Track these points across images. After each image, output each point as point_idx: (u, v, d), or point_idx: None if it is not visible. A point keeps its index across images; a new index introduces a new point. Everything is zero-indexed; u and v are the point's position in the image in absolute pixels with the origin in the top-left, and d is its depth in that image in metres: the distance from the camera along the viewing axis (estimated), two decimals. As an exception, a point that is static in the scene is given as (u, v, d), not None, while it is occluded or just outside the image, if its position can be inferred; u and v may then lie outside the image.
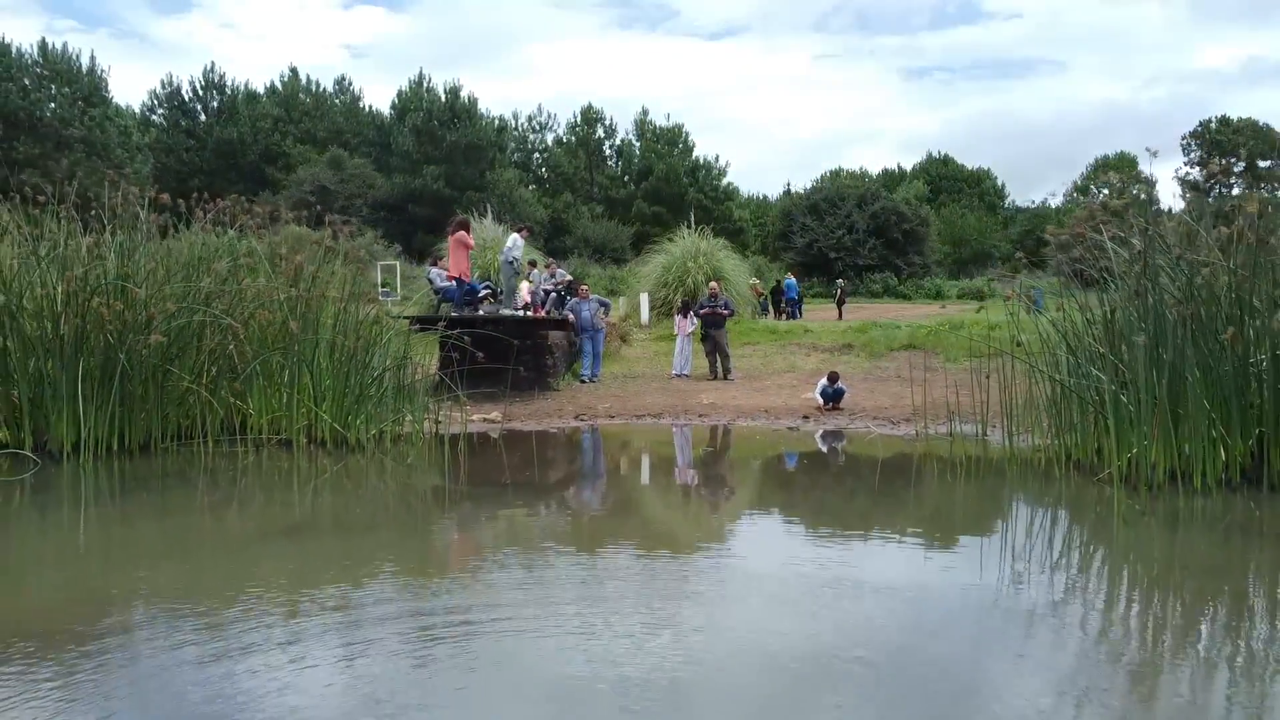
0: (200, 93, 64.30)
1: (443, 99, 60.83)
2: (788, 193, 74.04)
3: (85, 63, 53.84)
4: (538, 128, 70.26)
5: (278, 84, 67.10)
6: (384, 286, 25.14)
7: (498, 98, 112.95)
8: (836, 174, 77.40)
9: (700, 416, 13.43)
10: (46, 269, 9.83)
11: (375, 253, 37.25)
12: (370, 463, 9.80)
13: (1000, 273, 37.32)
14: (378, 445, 10.39)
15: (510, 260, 15.84)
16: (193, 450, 9.92)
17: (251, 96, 64.78)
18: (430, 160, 58.44)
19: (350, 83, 69.55)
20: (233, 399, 10.40)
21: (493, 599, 5.29)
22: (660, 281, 22.81)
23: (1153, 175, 74.64)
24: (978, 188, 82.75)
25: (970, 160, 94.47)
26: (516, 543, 6.93)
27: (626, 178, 68.03)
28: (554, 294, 17.46)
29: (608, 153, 69.35)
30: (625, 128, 69.29)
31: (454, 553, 6.89)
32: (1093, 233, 8.65)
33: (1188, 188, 78.13)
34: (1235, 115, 75.97)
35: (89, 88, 53.26)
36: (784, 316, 30.23)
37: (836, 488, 9.40)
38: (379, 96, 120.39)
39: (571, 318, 16.31)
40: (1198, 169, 78.12)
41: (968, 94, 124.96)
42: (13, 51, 51.90)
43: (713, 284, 18.29)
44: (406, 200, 57.42)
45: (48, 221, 10.81)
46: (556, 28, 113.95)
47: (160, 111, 64.32)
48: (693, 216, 25.62)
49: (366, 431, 10.35)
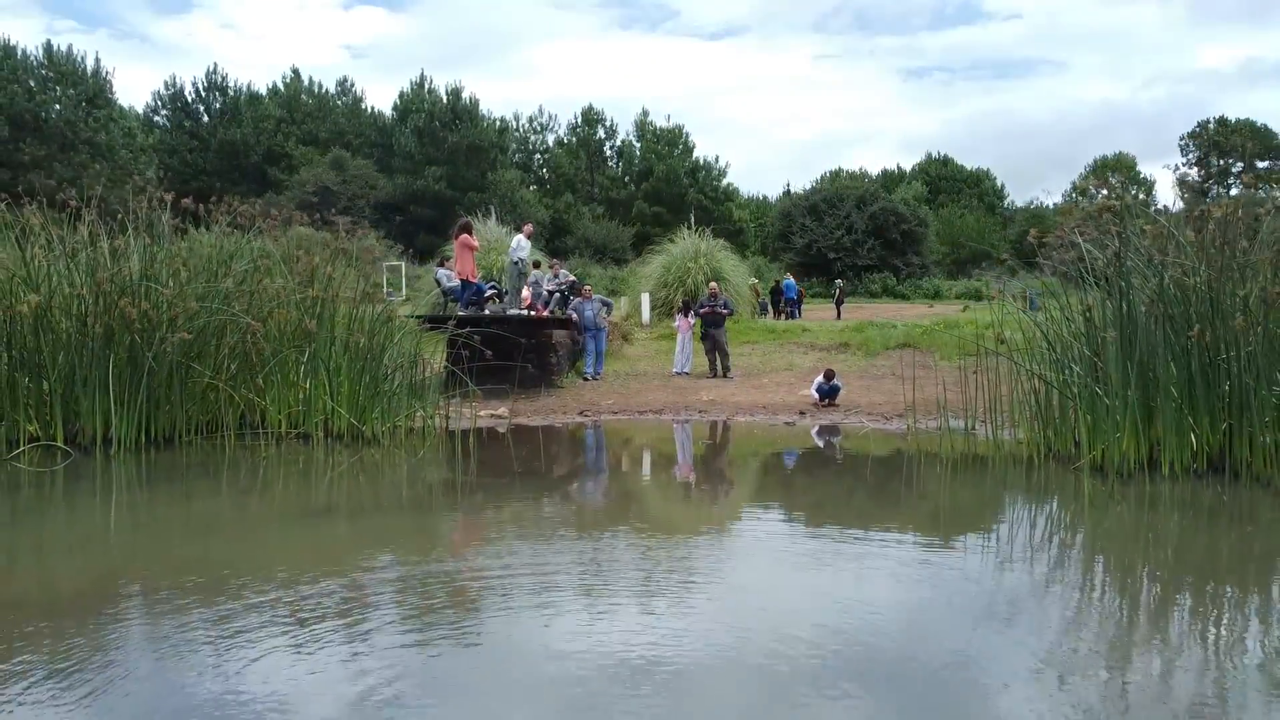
0: (203, 94, 64.64)
1: (444, 100, 61.26)
2: (787, 193, 74.47)
3: (90, 64, 54.23)
4: (539, 129, 70.75)
5: (280, 85, 67.47)
6: (388, 287, 25.48)
7: (498, 98, 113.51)
8: (836, 174, 77.84)
9: (700, 412, 13.87)
10: (76, 270, 10.27)
11: (366, 250, 37.72)
12: (386, 455, 10.26)
13: (987, 274, 37.72)
14: (392, 439, 10.84)
15: (516, 261, 16.28)
16: (214, 444, 10.36)
17: (254, 98, 65.13)
18: (432, 161, 58.87)
19: (352, 84, 69.93)
20: (252, 395, 10.83)
21: (502, 571, 5.73)
22: (661, 282, 23.23)
23: (1151, 175, 74.95)
24: (977, 188, 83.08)
25: (970, 160, 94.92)
26: (526, 525, 7.37)
27: (627, 178, 68.45)
28: (558, 294, 17.90)
29: (608, 154, 69.77)
30: (626, 129, 69.78)
31: (467, 532, 7.32)
32: (1072, 234, 9.10)
33: (1186, 188, 78.68)
34: (1234, 115, 76.30)
35: (94, 89, 53.63)
36: (783, 316, 30.65)
37: (829, 478, 9.86)
38: (379, 97, 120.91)
39: (575, 317, 16.75)
40: (1196, 169, 78.74)
41: (967, 94, 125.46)
42: (18, 53, 52.30)
43: (712, 284, 18.73)
44: (408, 201, 57.83)
45: (68, 224, 11.24)
46: (556, 28, 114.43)
47: (164, 113, 64.70)
48: (693, 218, 26.05)
49: (381, 426, 10.81)
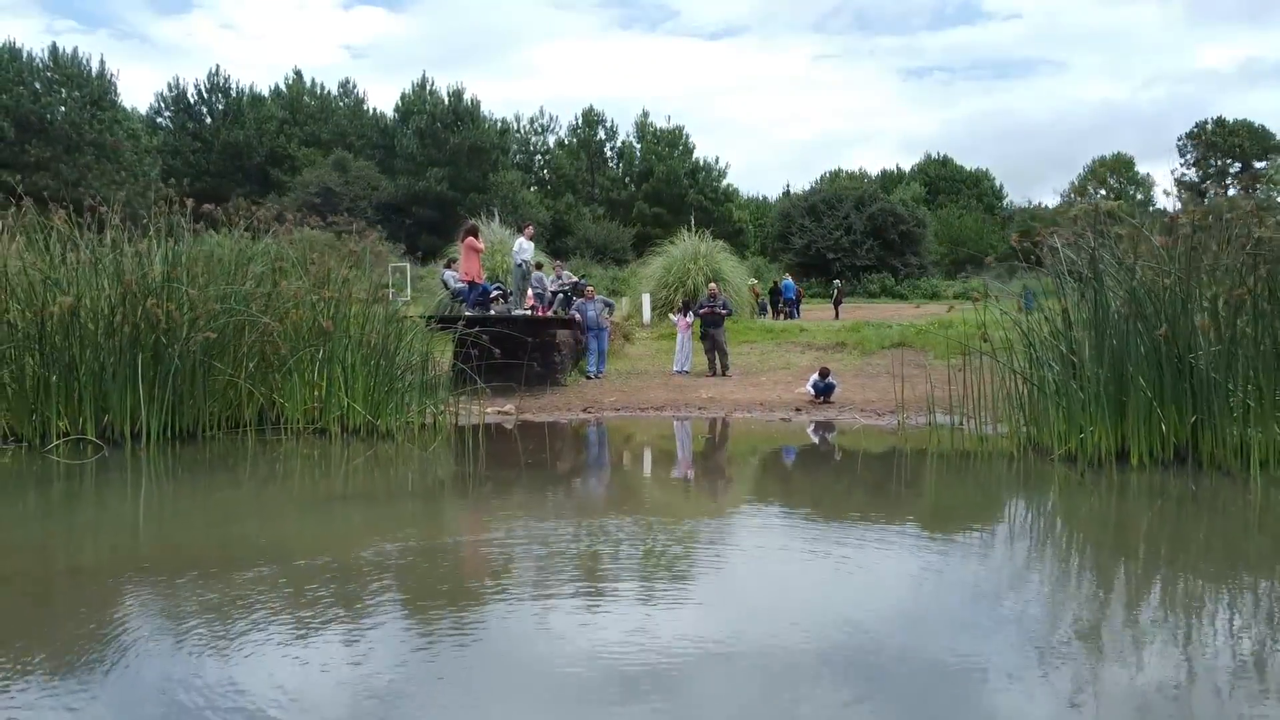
0: (206, 96, 65.06)
1: (446, 102, 61.70)
2: (786, 194, 74.96)
3: (95, 66, 54.66)
4: (539, 130, 71.19)
5: (282, 87, 67.92)
6: (392, 288, 25.87)
7: (498, 98, 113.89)
8: (836, 175, 78.28)
9: (699, 409, 14.35)
10: (103, 272, 10.75)
11: (380, 254, 38.20)
12: (400, 448, 10.74)
13: (972, 278, 38.20)
14: (404, 434, 11.32)
15: (520, 263, 16.75)
16: (235, 439, 10.84)
17: (256, 99, 65.55)
18: (434, 162, 59.28)
19: (354, 85, 70.41)
20: (271, 392, 11.31)
21: (508, 550, 6.21)
22: (661, 282, 23.70)
23: (1149, 176, 75.38)
24: (976, 188, 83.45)
25: (970, 160, 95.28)
26: (533, 510, 7.84)
27: (627, 179, 68.86)
28: (561, 295, 18.36)
29: (609, 154, 70.22)
30: (626, 129, 70.20)
31: (479, 516, 7.80)
32: (1050, 238, 9.59)
33: (1184, 188, 79.15)
34: (1234, 116, 76.78)
35: (98, 91, 54.05)
36: (782, 316, 31.14)
37: (821, 469, 10.40)
38: (379, 97, 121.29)
39: (578, 317, 17.22)
40: (1194, 170, 79.27)
41: (967, 94, 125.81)
42: (24, 55, 52.75)
43: (712, 285, 19.21)
44: (410, 202, 58.25)
45: (93, 227, 11.71)
46: (557, 28, 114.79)
47: (167, 114, 65.15)
48: (693, 219, 26.53)
49: (394, 421, 11.29)
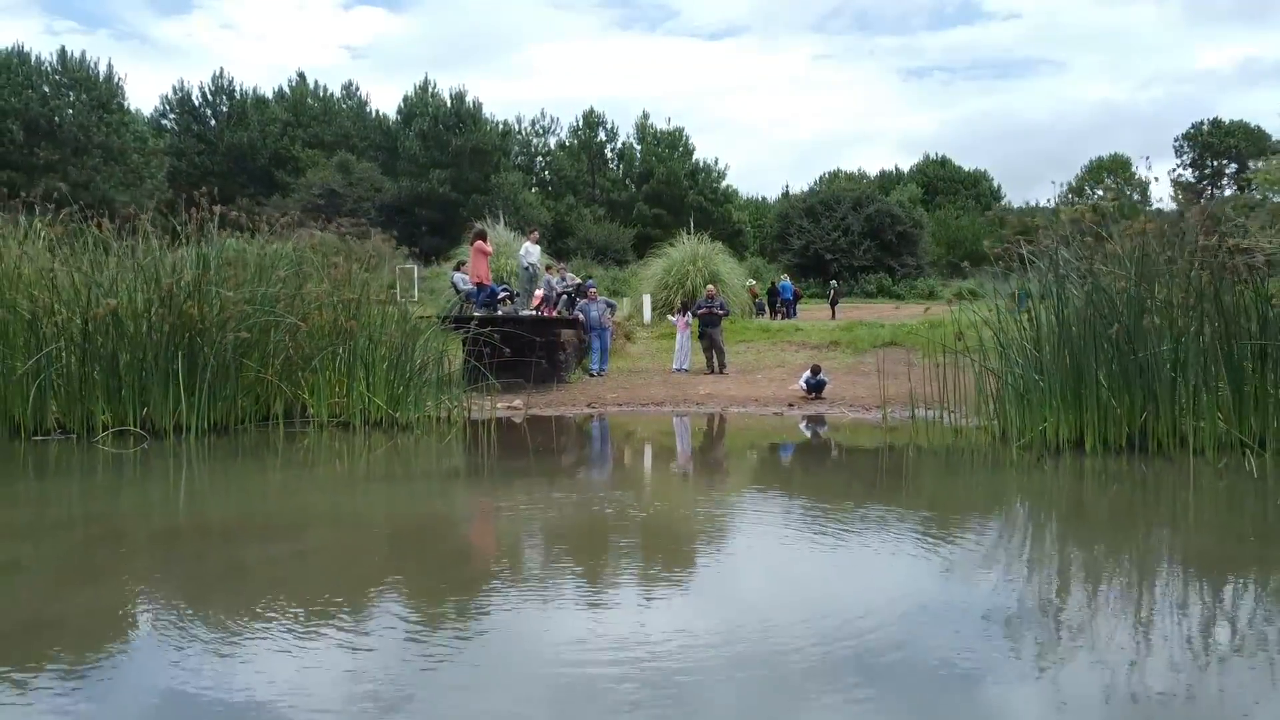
0: (210, 98, 65.78)
1: (448, 104, 62.44)
2: (785, 195, 75.74)
3: (102, 70, 55.38)
4: (541, 131, 71.91)
5: (286, 89, 68.66)
6: (396, 288, 26.59)
7: (498, 98, 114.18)
8: (835, 175, 79.02)
9: (697, 405, 15.14)
10: (143, 276, 11.54)
11: (388, 255, 38.92)
12: (419, 439, 11.55)
13: (951, 283, 39.04)
14: (421, 426, 12.12)
15: (527, 266, 17.54)
16: (265, 431, 11.64)
17: (260, 101, 66.26)
18: (436, 164, 59.90)
19: (357, 88, 71.16)
20: (296, 387, 12.09)
21: (520, 521, 7.01)
22: (661, 283, 24.47)
23: (1146, 176, 76.01)
24: (974, 189, 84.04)
25: (969, 160, 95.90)
26: (541, 492, 8.62)
27: (628, 180, 69.56)
28: (565, 296, 19.14)
29: (609, 156, 70.93)
30: (626, 130, 70.90)
31: (493, 496, 8.59)
32: (1015, 245, 10.39)
33: (1181, 189, 79.86)
34: (1234, 116, 77.50)
35: (106, 95, 54.77)
36: (779, 316, 31.90)
37: (807, 456, 11.27)
38: (379, 97, 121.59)
39: (581, 317, 18.00)
40: (1190, 170, 79.99)
41: (967, 94, 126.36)
42: (32, 59, 53.50)
43: (710, 287, 19.99)
44: (413, 203, 58.92)
45: (126, 232, 12.51)
46: (556, 28, 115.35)
47: (171, 116, 65.89)
48: (692, 221, 27.31)
49: (413, 415, 12.09)
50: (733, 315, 21.85)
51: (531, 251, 17.87)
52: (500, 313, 16.99)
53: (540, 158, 71.91)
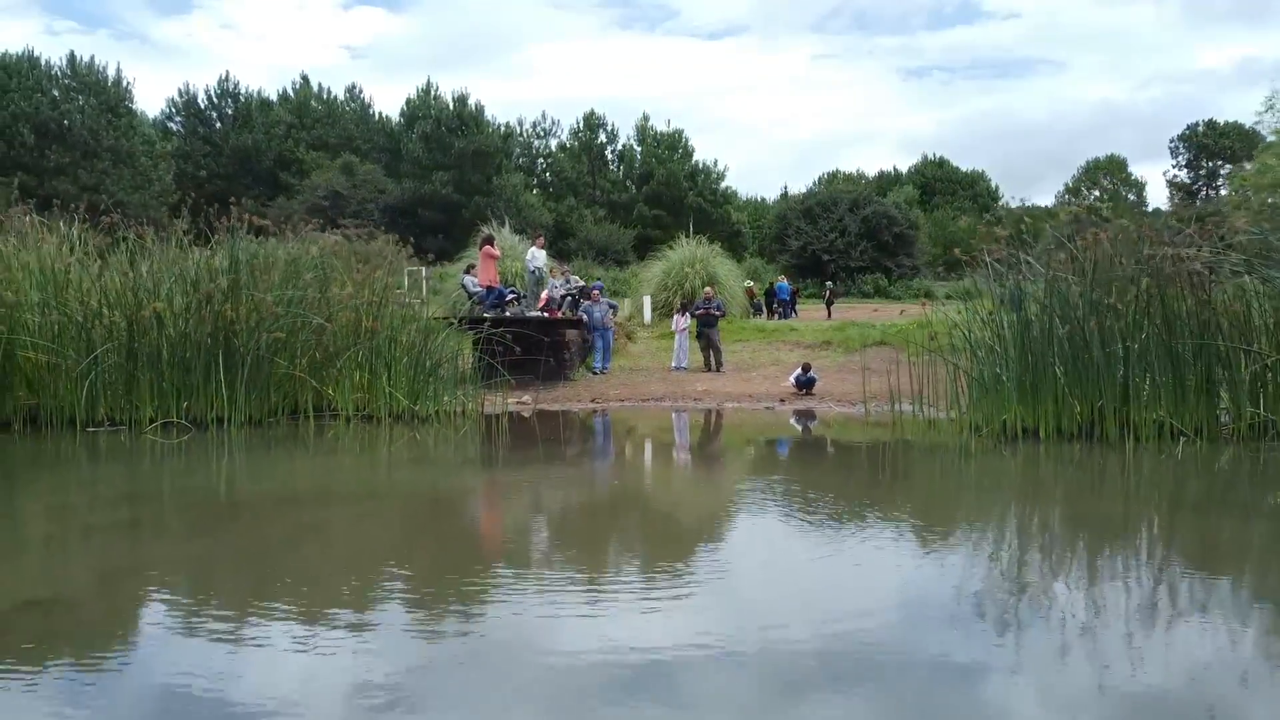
0: (216, 101, 66.69)
1: (450, 107, 63.37)
2: (784, 196, 76.69)
3: (111, 74, 56.29)
4: (542, 134, 72.87)
5: (290, 91, 69.56)
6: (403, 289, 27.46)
7: (498, 98, 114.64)
8: (833, 176, 79.92)
9: (694, 401, 16.11)
10: (185, 280, 12.51)
11: (397, 259, 39.80)
12: (438, 431, 12.53)
13: (932, 282, 40.06)
14: (439, 420, 13.09)
15: (534, 270, 18.53)
16: (296, 424, 12.60)
17: (265, 104, 67.14)
18: (439, 166, 60.70)
19: (360, 90, 72.11)
20: (322, 383, 13.05)
21: (530, 495, 8.00)
22: (661, 285, 25.43)
23: (1143, 177, 76.79)
24: (972, 189, 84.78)
25: (969, 159, 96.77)
26: (550, 477, 9.60)
27: (628, 182, 70.45)
28: (569, 297, 20.11)
29: (610, 158, 71.84)
30: (626, 132, 71.77)
31: (507, 479, 9.57)
32: (979, 253, 11.40)
33: (1176, 190, 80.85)
34: (1233, 116, 78.32)
35: (115, 99, 55.66)
36: (776, 316, 32.85)
37: (793, 446, 12.32)
38: (379, 97, 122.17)
39: (585, 318, 18.97)
40: (1186, 171, 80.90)
41: (966, 94, 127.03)
42: (42, 63, 54.42)
43: (707, 289, 20.95)
44: (416, 204, 59.69)
45: (162, 238, 13.50)
46: (556, 28, 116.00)
47: (178, 119, 66.83)
48: (691, 225, 28.25)
49: (431, 408, 13.07)
50: (730, 315, 22.82)
51: (537, 256, 18.85)
52: (508, 314, 17.96)
53: (541, 159, 72.82)
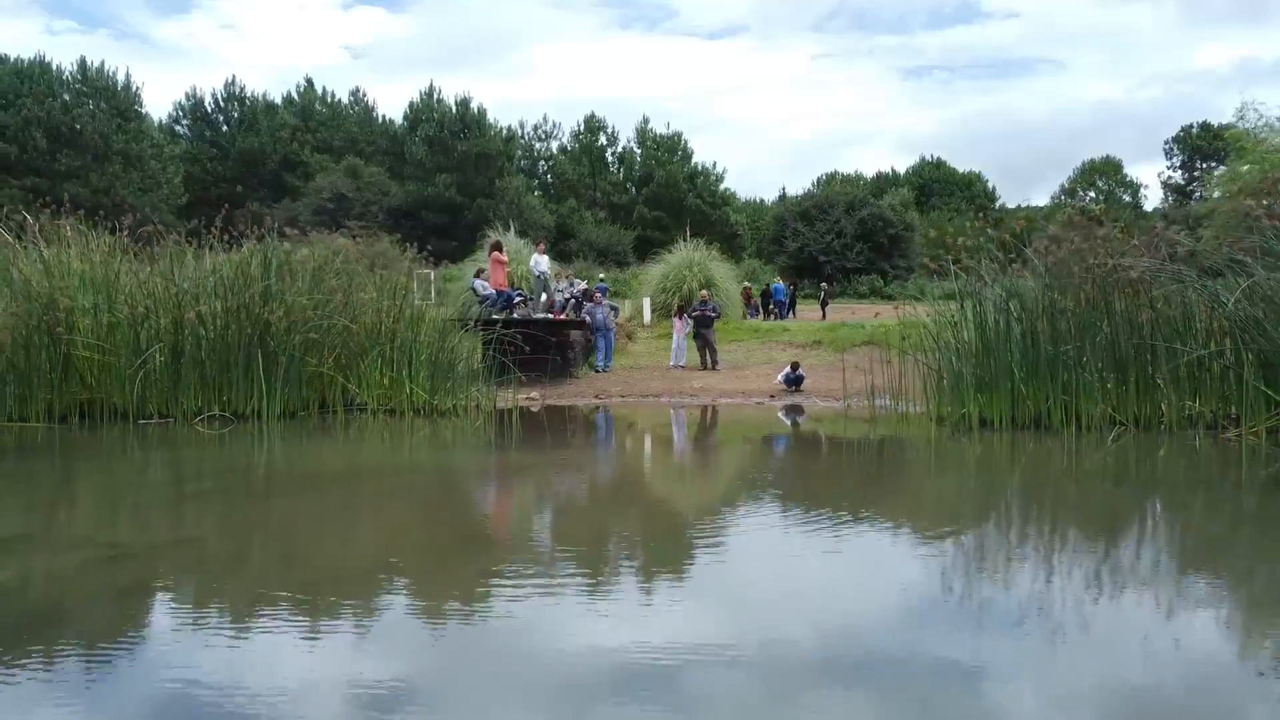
0: (222, 104, 67.78)
1: (453, 110, 64.47)
2: (782, 197, 77.85)
3: (120, 79, 57.39)
4: (543, 136, 74.02)
5: (294, 95, 70.59)
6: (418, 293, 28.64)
7: (498, 97, 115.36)
8: (831, 177, 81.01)
9: (691, 397, 17.28)
10: (225, 285, 13.67)
11: (390, 258, 40.99)
12: (455, 423, 13.70)
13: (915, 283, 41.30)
14: (455, 414, 14.25)
15: (539, 275, 19.76)
16: (326, 417, 13.75)
17: (270, 107, 68.15)
18: (442, 169, 61.72)
19: (364, 94, 73.23)
20: (348, 380, 14.20)
21: (541, 488, 9.19)
22: (660, 287, 26.56)
23: (1138, 178, 77.79)
24: (968, 191, 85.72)
25: (968, 159, 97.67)
26: (559, 464, 10.77)
27: (628, 184, 71.56)
28: (573, 300, 21.28)
29: (610, 160, 72.96)
30: (627, 135, 72.86)
31: (520, 465, 10.73)
32: (942, 261, 12.59)
33: (1170, 191, 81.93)
34: (1229, 117, 78.97)
35: (125, 103, 56.75)
36: (772, 317, 33.99)
37: (779, 435, 13.62)
38: (378, 96, 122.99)
39: (588, 319, 20.15)
40: (1180, 173, 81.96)
41: (966, 93, 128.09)
42: (54, 68, 55.54)
43: (703, 292, 22.12)
44: (420, 207, 60.75)
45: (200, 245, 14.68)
46: (556, 28, 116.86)
47: (185, 122, 67.94)
48: (688, 230, 29.42)
49: (449, 403, 14.25)
50: (726, 317, 23.98)
51: (540, 262, 20.10)
52: (516, 315, 19.13)
53: (543, 162, 73.97)
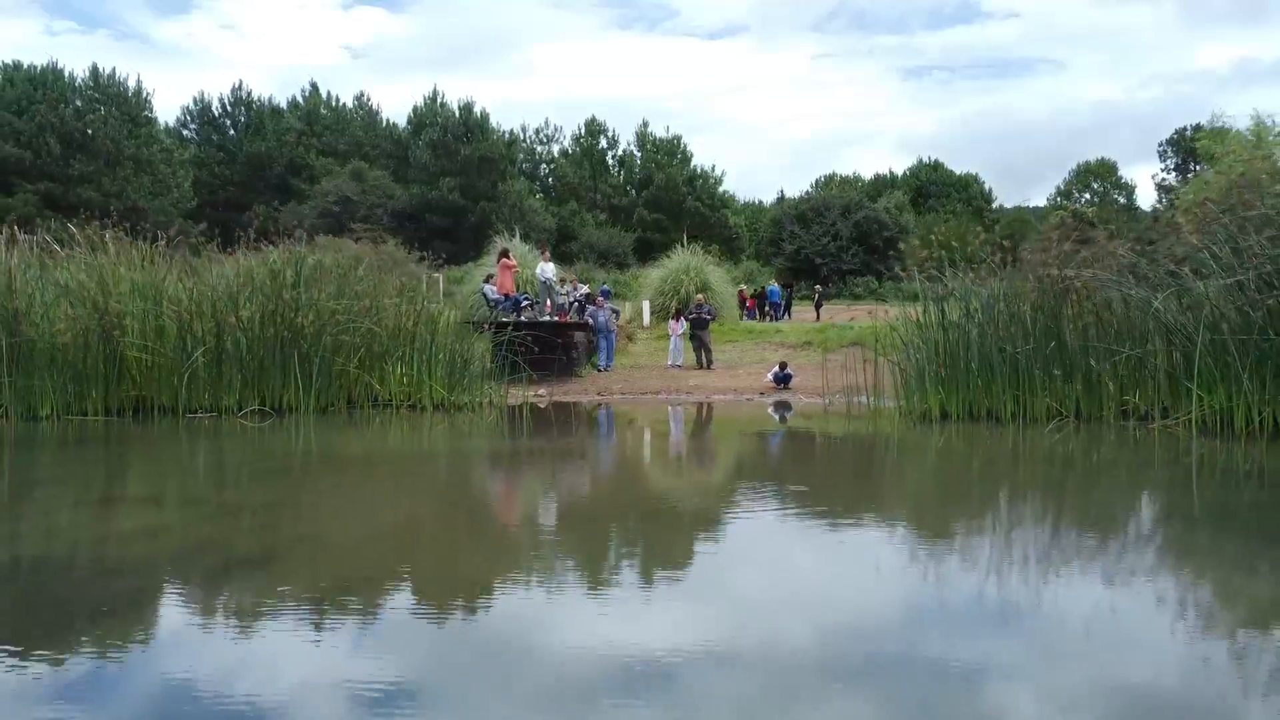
0: (229, 109, 68.96)
1: (456, 114, 65.65)
2: (780, 200, 79.05)
3: (131, 85, 58.59)
4: (544, 139, 75.25)
5: (299, 99, 71.76)
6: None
7: (498, 97, 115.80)
8: (829, 179, 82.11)
9: (686, 394, 18.60)
10: (263, 291, 14.97)
11: (398, 260, 42.24)
12: (471, 418, 15.02)
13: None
14: (471, 409, 15.56)
15: (545, 281, 21.12)
16: (351, 412, 15.05)
17: (275, 111, 69.29)
18: (446, 172, 62.78)
19: (368, 98, 74.42)
20: (371, 378, 15.50)
21: (550, 474, 10.50)
22: (659, 290, 27.87)
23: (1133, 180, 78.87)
24: (965, 192, 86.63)
25: (968, 159, 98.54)
26: (565, 448, 12.08)
27: (628, 186, 72.72)
28: (576, 303, 22.60)
29: (610, 163, 74.13)
30: (627, 138, 74.02)
31: (531, 455, 12.03)
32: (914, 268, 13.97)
33: (1163, 193, 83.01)
34: (1232, 116, 79.88)
35: (135, 109, 57.95)
36: (768, 318, 35.25)
37: (767, 426, 14.88)
38: (378, 97, 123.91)
39: (590, 322, 21.47)
40: (1175, 174, 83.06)
41: (966, 93, 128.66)
42: (66, 75, 56.77)
43: (699, 295, 23.43)
44: (424, 209, 61.82)
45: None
46: (556, 28, 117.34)
47: (193, 127, 69.14)
48: (685, 235, 30.71)
49: (465, 399, 15.57)
50: (722, 319, 25.29)
51: (546, 269, 21.49)
52: (523, 318, 20.45)
53: (544, 164, 75.18)
